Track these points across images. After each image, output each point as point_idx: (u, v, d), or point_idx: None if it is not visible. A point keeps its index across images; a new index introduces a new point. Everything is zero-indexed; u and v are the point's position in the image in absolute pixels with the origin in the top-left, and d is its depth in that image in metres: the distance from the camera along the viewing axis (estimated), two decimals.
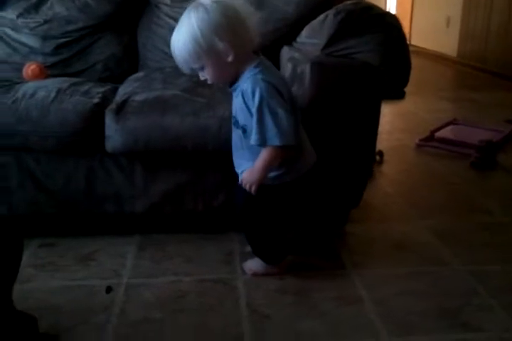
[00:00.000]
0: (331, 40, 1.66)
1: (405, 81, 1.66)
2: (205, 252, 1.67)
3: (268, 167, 1.34)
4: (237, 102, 1.36)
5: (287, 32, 2.05)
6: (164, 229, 1.79)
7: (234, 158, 1.47)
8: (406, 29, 6.38)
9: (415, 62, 1.70)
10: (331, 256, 1.65)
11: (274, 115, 1.27)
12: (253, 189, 1.35)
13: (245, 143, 1.38)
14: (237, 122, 1.38)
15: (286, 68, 1.88)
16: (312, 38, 1.82)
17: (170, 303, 1.41)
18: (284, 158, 1.35)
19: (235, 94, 1.37)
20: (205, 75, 1.34)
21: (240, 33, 1.29)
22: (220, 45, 1.27)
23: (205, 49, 1.27)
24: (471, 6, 5.07)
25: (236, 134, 1.42)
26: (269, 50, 2.06)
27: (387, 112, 3.37)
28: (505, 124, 3.05)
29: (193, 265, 1.60)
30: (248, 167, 1.39)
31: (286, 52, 1.96)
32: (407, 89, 3.66)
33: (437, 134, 2.80)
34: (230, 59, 1.29)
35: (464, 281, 1.51)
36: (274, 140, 1.29)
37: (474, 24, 5.03)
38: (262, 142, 1.29)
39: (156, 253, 1.66)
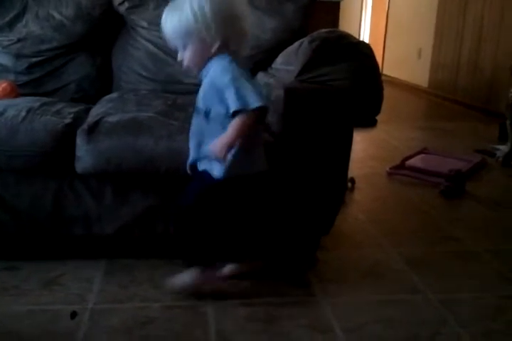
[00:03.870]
0: (306, 67, 1.68)
1: (377, 109, 1.69)
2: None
3: (241, 131, 1.31)
4: (204, 84, 1.37)
5: (262, 58, 2.07)
6: (133, 254, 1.75)
7: (191, 148, 1.44)
8: (378, 59, 6.52)
9: (387, 91, 1.72)
10: (302, 283, 1.63)
11: (250, 82, 1.31)
12: (223, 153, 1.31)
13: (207, 129, 1.38)
14: (198, 109, 1.39)
15: None
16: (287, 64, 1.84)
17: (136, 330, 1.37)
18: (255, 125, 1.34)
19: (203, 81, 1.38)
20: (184, 55, 1.37)
21: (231, 30, 1.34)
22: (210, 34, 1.31)
23: (196, 32, 1.31)
24: (442, 38, 5.22)
25: (197, 122, 1.42)
26: None
27: (360, 140, 3.41)
28: (475, 154, 3.11)
29: (161, 291, 1.55)
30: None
31: (261, 77, 1.98)
32: (379, 118, 3.72)
33: (408, 163, 2.84)
34: (213, 49, 1.33)
35: (435, 310, 1.51)
36: (256, 102, 1.29)
37: (445, 56, 5.17)
38: (244, 105, 1.29)
39: (124, 278, 1.62)
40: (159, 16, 2.15)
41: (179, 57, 1.38)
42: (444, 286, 1.64)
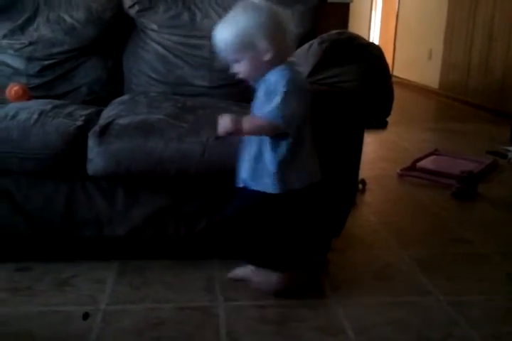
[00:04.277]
0: (316, 69, 1.68)
1: (388, 110, 1.69)
2: (186, 279, 1.64)
3: (254, 128, 1.37)
4: (258, 96, 1.41)
5: None
6: (144, 255, 1.76)
7: (244, 161, 1.45)
8: (389, 60, 6.50)
9: (397, 93, 1.72)
10: (313, 285, 1.63)
11: (287, 102, 1.33)
12: (226, 130, 1.36)
13: (264, 144, 1.39)
14: None
15: None
16: (297, 66, 1.84)
17: (148, 331, 1.38)
18: (270, 134, 1.38)
19: (258, 90, 1.41)
20: (238, 69, 1.40)
21: (281, 38, 1.38)
22: (262, 44, 1.35)
23: (247, 43, 1.35)
24: (453, 39, 5.19)
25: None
26: None
27: (370, 141, 3.40)
28: (486, 155, 3.09)
29: (173, 292, 1.56)
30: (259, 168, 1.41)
31: None
32: (389, 119, 3.69)
33: (419, 164, 2.82)
34: (266, 58, 1.36)
35: (446, 312, 1.50)
36: (280, 120, 1.33)
37: (455, 56, 5.14)
38: (273, 115, 1.33)
39: (136, 279, 1.63)
40: (169, 19, 2.20)
41: (232, 69, 1.41)
42: (454, 288, 1.63)
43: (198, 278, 1.64)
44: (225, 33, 1.37)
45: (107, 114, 1.74)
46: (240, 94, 2.10)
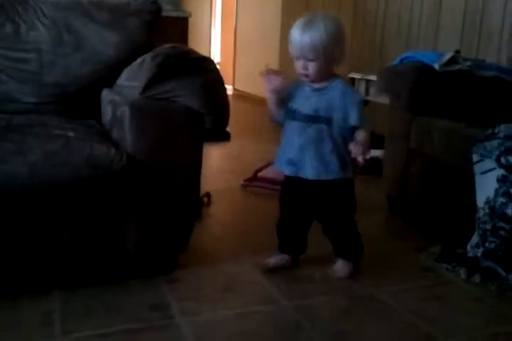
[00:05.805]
0: (150, 83, 1.65)
1: (225, 122, 1.71)
2: (19, 314, 1.49)
3: (368, 137, 1.62)
4: (326, 98, 1.62)
5: (107, 74, 2.01)
6: None
7: (300, 159, 1.66)
8: (230, 74, 6.68)
9: (240, 105, 1.76)
10: (159, 306, 1.57)
11: (362, 108, 1.64)
12: (366, 156, 1.56)
13: (328, 134, 1.62)
14: (317, 117, 1.61)
15: (107, 111, 1.83)
16: (131, 80, 1.80)
17: None
18: None
19: (321, 92, 1.64)
20: (310, 66, 1.60)
21: (344, 50, 1.62)
22: (339, 51, 1.60)
23: (332, 47, 1.56)
24: (287, 54, 5.46)
25: (313, 131, 1.63)
26: (88, 92, 2.00)
27: (215, 154, 3.43)
28: None
29: (5, 332, 1.41)
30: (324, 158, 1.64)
31: (106, 94, 1.92)
32: (233, 131, 3.79)
33: (260, 174, 2.90)
34: (333, 64, 1.62)
35: (291, 317, 1.54)
36: (368, 126, 1.64)
37: (291, 70, 5.41)
38: (363, 123, 1.61)
39: None
40: None
41: (300, 65, 1.63)
42: (297, 292, 1.68)
43: (33, 312, 1.50)
44: (313, 33, 1.54)
45: None
46: (71, 110, 2.01)
